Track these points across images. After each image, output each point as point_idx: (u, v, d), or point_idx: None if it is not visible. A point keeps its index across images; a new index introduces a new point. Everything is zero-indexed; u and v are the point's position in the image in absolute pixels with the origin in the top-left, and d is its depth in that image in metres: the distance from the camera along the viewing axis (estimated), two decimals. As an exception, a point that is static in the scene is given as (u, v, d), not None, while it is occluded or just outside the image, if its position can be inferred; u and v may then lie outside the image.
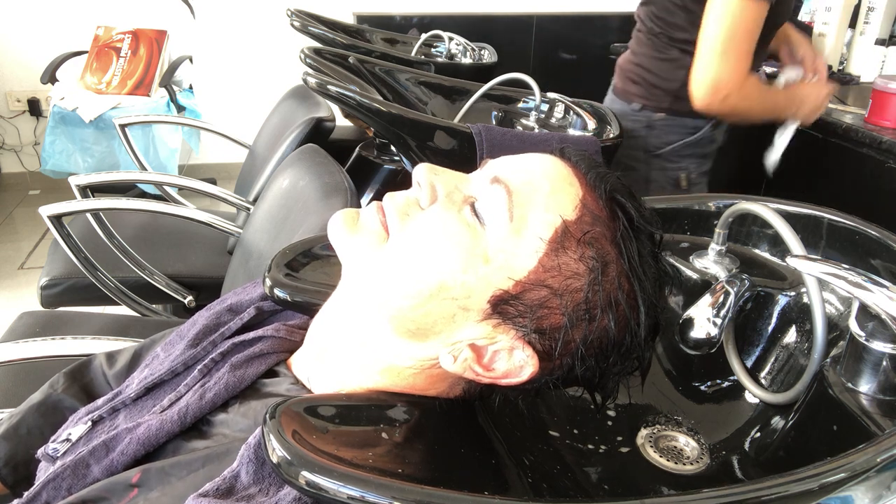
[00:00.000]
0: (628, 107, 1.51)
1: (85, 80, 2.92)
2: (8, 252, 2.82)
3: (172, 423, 0.57)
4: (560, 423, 0.75)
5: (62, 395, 0.74)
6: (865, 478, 0.49)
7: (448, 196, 0.53)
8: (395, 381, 0.54)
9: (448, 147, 1.32)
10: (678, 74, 1.40)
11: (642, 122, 1.49)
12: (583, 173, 0.54)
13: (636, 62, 1.50)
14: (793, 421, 0.70)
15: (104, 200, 1.57)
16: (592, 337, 0.52)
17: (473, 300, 0.51)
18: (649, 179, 1.52)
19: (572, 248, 0.51)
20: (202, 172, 3.31)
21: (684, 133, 1.47)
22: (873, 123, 1.59)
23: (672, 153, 1.49)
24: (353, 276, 0.54)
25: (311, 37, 2.08)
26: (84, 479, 0.57)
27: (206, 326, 0.66)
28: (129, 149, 2.08)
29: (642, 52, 1.49)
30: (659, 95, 1.46)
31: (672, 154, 1.49)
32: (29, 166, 3.35)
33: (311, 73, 1.35)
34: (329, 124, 1.69)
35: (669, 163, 1.50)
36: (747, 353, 0.81)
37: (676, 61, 1.41)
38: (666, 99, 1.45)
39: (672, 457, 0.74)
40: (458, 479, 0.49)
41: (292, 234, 1.16)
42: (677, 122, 1.46)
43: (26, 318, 1.41)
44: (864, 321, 0.62)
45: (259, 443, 0.47)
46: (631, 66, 1.52)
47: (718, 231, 0.83)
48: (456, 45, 2.30)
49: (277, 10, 2.99)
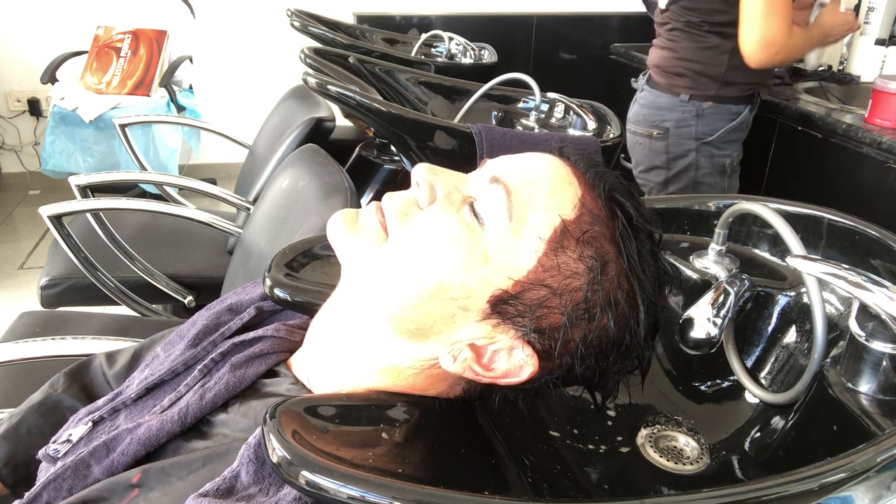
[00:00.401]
0: (677, 98, 1.64)
1: (85, 80, 2.92)
2: (8, 252, 2.82)
3: (173, 424, 0.57)
4: (560, 423, 0.75)
5: (62, 395, 0.74)
6: (865, 478, 0.49)
7: (447, 196, 0.53)
8: (394, 381, 0.54)
9: (448, 147, 1.32)
10: (721, 59, 1.56)
11: (692, 111, 1.62)
12: (581, 173, 0.54)
13: (678, 56, 1.63)
14: (793, 421, 0.70)
15: (104, 200, 1.57)
16: (592, 336, 0.52)
17: (473, 300, 0.51)
18: (699, 166, 1.66)
19: (571, 247, 0.51)
20: (202, 172, 3.31)
21: (728, 119, 1.62)
22: (873, 123, 1.59)
23: (719, 139, 1.63)
24: (353, 277, 0.54)
25: (311, 37, 2.08)
26: (85, 479, 0.57)
27: (206, 326, 0.66)
28: (129, 149, 2.08)
29: (683, 45, 1.62)
30: (706, 83, 1.60)
31: (719, 140, 1.63)
32: (29, 166, 3.35)
33: (311, 73, 1.35)
34: (329, 124, 1.69)
35: (717, 149, 1.65)
36: (747, 353, 0.81)
37: (718, 47, 1.56)
38: (713, 86, 1.59)
39: (672, 457, 0.74)
40: (458, 479, 0.49)
41: (292, 234, 1.16)
42: (722, 109, 1.61)
43: (26, 318, 1.41)
44: (864, 321, 0.62)
45: (259, 443, 0.47)
46: (674, 62, 1.64)
47: (718, 231, 0.83)
48: (456, 45, 2.30)
49: (277, 10, 2.99)
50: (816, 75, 2.10)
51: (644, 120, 1.71)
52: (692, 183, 1.68)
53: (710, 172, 1.67)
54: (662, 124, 1.67)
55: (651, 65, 1.72)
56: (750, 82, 1.60)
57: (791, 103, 1.80)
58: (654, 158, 1.71)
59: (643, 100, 1.73)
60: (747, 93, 1.62)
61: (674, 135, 1.65)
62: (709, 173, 1.67)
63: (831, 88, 2.04)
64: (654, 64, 1.71)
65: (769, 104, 1.86)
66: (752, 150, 1.84)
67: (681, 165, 1.67)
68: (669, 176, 1.70)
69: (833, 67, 2.16)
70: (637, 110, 1.75)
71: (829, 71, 2.14)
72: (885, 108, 1.57)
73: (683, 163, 1.67)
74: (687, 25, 1.59)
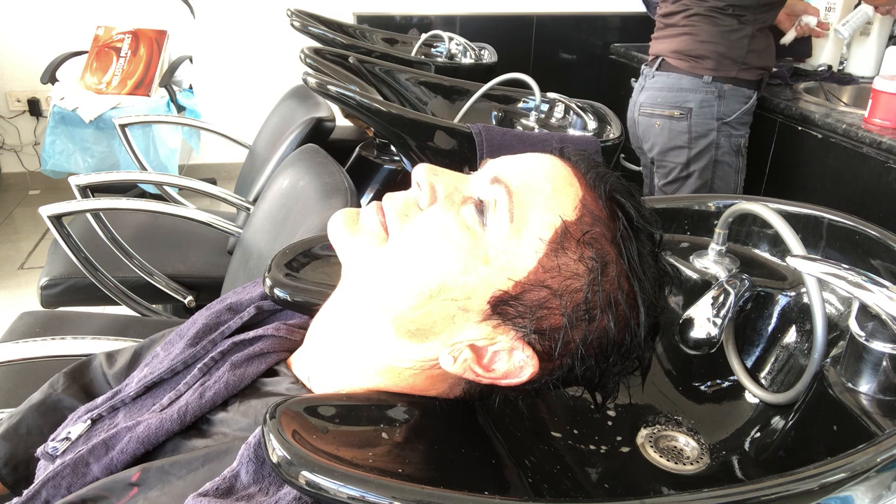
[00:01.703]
0: (700, 80, 1.75)
1: (85, 80, 2.92)
2: (8, 252, 2.82)
3: (172, 422, 0.57)
4: (560, 424, 0.75)
5: (62, 394, 0.74)
6: (865, 478, 0.49)
7: (448, 197, 0.53)
8: (395, 382, 0.54)
9: (448, 147, 1.32)
10: (742, 42, 1.70)
11: (714, 92, 1.74)
12: (582, 173, 0.54)
13: (701, 40, 1.74)
14: (793, 421, 0.70)
15: (104, 200, 1.57)
16: (592, 337, 0.52)
17: (473, 301, 0.51)
18: (719, 145, 1.77)
19: (572, 248, 0.51)
20: (202, 172, 3.31)
21: (743, 101, 1.75)
22: (873, 123, 1.59)
23: (736, 120, 1.76)
24: (353, 277, 0.54)
25: (311, 37, 2.08)
26: (84, 477, 0.57)
27: (205, 325, 0.66)
28: (129, 149, 2.08)
29: (705, 29, 1.73)
30: (728, 64, 1.72)
31: (736, 121, 1.76)
32: (29, 166, 3.35)
33: (311, 73, 1.35)
34: (329, 124, 1.69)
35: (734, 129, 1.77)
36: (747, 353, 0.81)
37: (739, 30, 1.70)
38: (734, 67, 1.72)
39: (672, 457, 0.74)
40: (459, 480, 0.49)
41: (292, 234, 1.16)
42: (739, 91, 1.74)
43: (26, 318, 1.41)
44: (864, 321, 0.62)
45: (259, 442, 0.47)
46: (696, 45, 1.75)
47: (718, 231, 0.83)
48: (456, 45, 2.30)
49: (277, 10, 2.99)
50: (816, 75, 2.10)
51: (664, 102, 1.80)
52: (712, 161, 1.78)
53: (728, 151, 1.77)
54: (685, 104, 1.76)
55: (668, 51, 1.80)
56: (762, 66, 1.74)
57: (791, 103, 1.80)
58: (676, 139, 1.79)
59: (659, 83, 1.81)
60: (758, 77, 1.75)
61: (697, 115, 1.75)
62: (727, 152, 1.77)
63: (831, 88, 2.04)
64: (672, 50, 1.79)
65: (769, 104, 1.86)
66: (753, 150, 1.84)
67: (703, 144, 1.77)
68: (692, 155, 1.78)
69: (833, 67, 2.16)
70: (653, 94, 1.82)
71: (829, 71, 2.14)
72: (885, 108, 1.57)
73: (705, 142, 1.76)
74: (710, 10, 1.70)
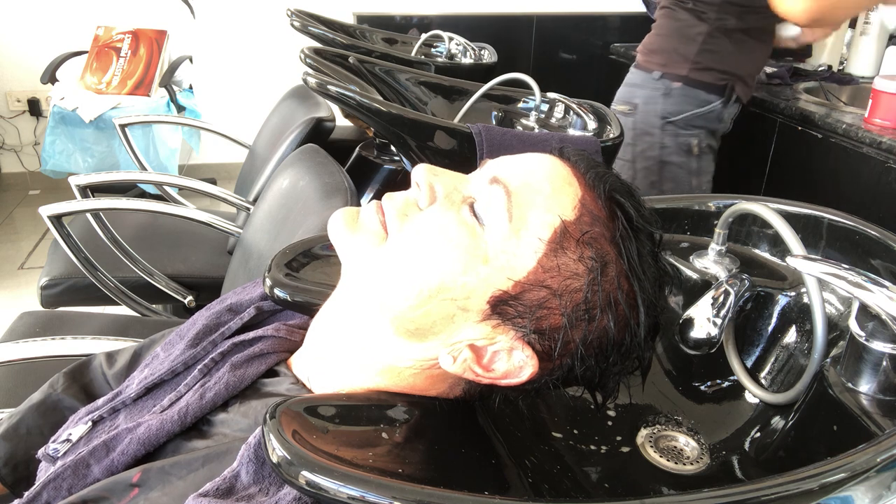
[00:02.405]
0: (649, 75, 1.67)
1: (85, 80, 2.92)
2: (8, 252, 2.82)
3: (172, 423, 0.57)
4: (560, 424, 0.75)
5: (62, 395, 0.74)
6: (865, 478, 0.49)
7: (447, 197, 0.53)
8: (394, 382, 0.54)
9: (448, 147, 1.31)
10: (695, 38, 1.58)
11: (660, 89, 1.65)
12: (582, 173, 0.54)
13: (656, 34, 1.69)
14: (793, 421, 0.70)
15: (104, 200, 1.57)
16: (592, 337, 0.52)
17: (473, 301, 0.51)
18: (664, 145, 1.67)
19: (571, 248, 0.51)
20: (202, 172, 3.31)
21: (696, 104, 1.63)
22: (873, 123, 1.59)
23: (684, 121, 1.65)
24: (353, 276, 0.54)
25: (311, 37, 2.08)
26: (84, 478, 0.57)
27: (205, 326, 0.66)
28: (129, 149, 2.08)
29: (663, 23, 1.67)
30: (677, 61, 1.62)
31: (684, 122, 1.65)
32: (29, 166, 3.35)
33: (311, 73, 1.35)
34: (329, 124, 1.69)
35: (682, 129, 1.66)
36: (747, 353, 0.81)
37: (694, 27, 1.59)
38: (684, 65, 1.61)
39: (672, 457, 0.74)
40: (459, 480, 0.49)
41: (292, 234, 1.16)
42: (691, 94, 1.62)
43: (26, 318, 1.41)
44: (864, 321, 0.62)
45: (259, 442, 0.47)
46: (653, 39, 1.70)
47: (718, 231, 0.83)
48: (456, 45, 2.29)
49: (277, 10, 2.99)
50: (816, 75, 2.10)
51: (619, 97, 1.76)
52: (658, 162, 1.69)
53: (675, 152, 1.67)
54: (633, 100, 1.70)
55: (639, 47, 1.77)
56: (724, 71, 1.60)
57: (791, 103, 1.80)
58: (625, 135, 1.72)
59: (626, 79, 1.77)
60: (721, 83, 1.61)
61: (641, 111, 1.67)
62: (674, 152, 1.67)
63: (831, 88, 2.04)
64: (641, 45, 1.75)
65: (769, 104, 1.86)
66: (753, 150, 1.84)
67: (646, 142, 1.68)
68: (636, 152, 1.70)
69: (833, 67, 2.16)
70: (620, 90, 1.79)
71: (829, 71, 2.14)
72: (885, 108, 1.56)
73: (648, 140, 1.67)
74: (673, 3, 1.64)
